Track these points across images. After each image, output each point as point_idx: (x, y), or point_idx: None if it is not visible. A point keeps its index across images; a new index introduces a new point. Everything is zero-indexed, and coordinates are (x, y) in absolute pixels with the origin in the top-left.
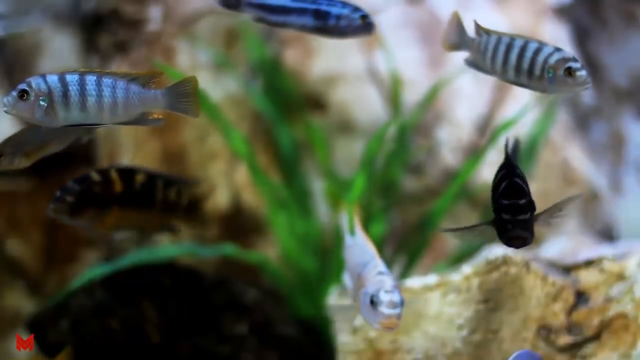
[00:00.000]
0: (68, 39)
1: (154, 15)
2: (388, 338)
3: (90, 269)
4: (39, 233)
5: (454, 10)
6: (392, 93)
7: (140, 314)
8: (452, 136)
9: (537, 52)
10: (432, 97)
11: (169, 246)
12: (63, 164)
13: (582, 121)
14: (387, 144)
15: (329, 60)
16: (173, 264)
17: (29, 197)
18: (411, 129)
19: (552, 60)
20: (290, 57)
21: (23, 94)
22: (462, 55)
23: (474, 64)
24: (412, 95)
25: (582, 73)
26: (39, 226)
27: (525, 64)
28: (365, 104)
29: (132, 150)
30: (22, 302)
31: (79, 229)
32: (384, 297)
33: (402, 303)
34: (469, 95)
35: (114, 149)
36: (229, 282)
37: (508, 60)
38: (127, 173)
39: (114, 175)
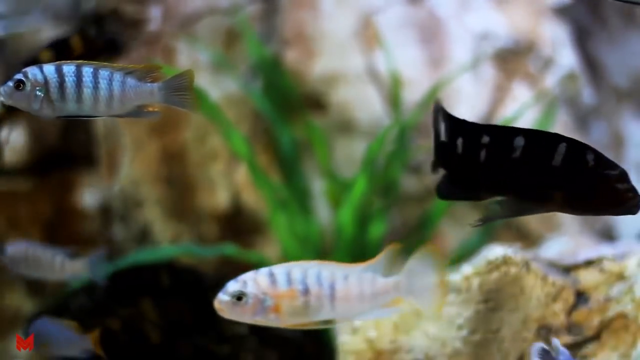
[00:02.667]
0: None
1: (154, 15)
2: (388, 338)
3: None
4: (39, 233)
5: None
6: (392, 93)
7: (140, 314)
8: None
9: None
10: (432, 97)
11: (169, 246)
12: (63, 163)
13: (582, 121)
14: (387, 144)
15: (329, 60)
16: (173, 264)
17: (29, 197)
18: (411, 129)
19: None
20: (290, 57)
21: (19, 84)
22: (462, 55)
23: None
24: (412, 95)
25: None
26: (39, 226)
27: None
28: (365, 104)
29: (132, 150)
30: (22, 302)
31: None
32: (227, 284)
33: (236, 296)
34: (469, 95)
35: (114, 149)
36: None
37: None
38: None
39: None
